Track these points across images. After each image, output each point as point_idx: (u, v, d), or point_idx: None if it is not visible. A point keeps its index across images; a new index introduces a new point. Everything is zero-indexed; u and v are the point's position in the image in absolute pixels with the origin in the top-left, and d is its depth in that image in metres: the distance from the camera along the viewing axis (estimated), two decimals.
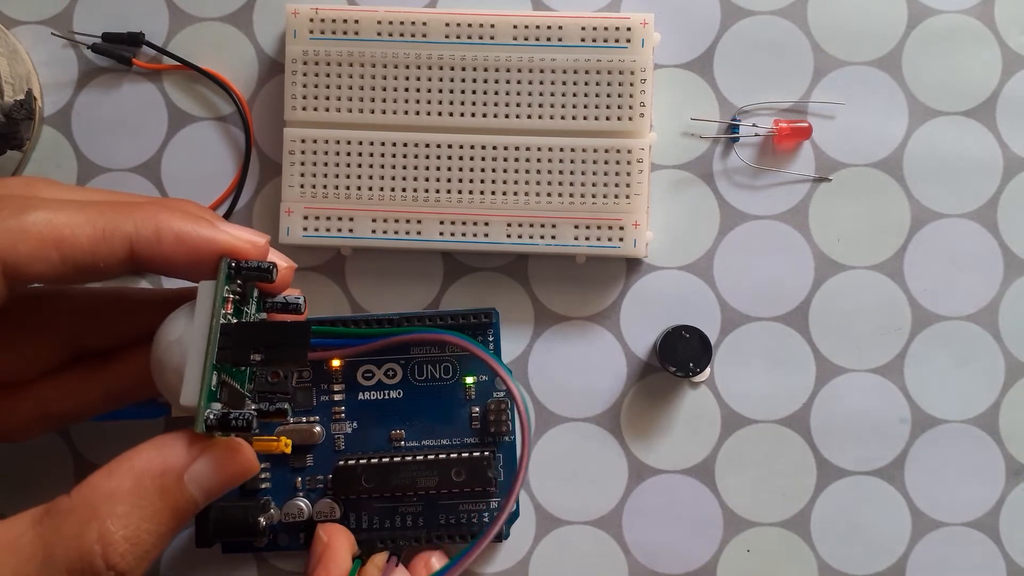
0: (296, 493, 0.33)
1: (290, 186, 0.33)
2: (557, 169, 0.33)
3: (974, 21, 0.35)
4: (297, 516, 0.32)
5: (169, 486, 0.23)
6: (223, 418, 0.24)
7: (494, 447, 0.33)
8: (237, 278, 0.25)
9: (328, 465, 0.33)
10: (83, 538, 0.22)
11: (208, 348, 0.24)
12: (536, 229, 0.33)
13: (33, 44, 0.35)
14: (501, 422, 0.33)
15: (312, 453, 0.33)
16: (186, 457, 0.24)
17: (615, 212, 0.33)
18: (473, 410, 0.33)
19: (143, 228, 0.24)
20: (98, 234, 0.24)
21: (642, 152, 0.33)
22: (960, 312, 0.34)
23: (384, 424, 0.33)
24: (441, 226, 0.33)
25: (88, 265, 0.24)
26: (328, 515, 0.32)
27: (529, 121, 0.33)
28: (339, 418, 0.33)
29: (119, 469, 0.23)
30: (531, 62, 0.33)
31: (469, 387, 0.33)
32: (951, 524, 0.34)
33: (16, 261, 0.23)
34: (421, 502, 0.32)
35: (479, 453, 0.32)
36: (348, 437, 0.33)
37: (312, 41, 0.33)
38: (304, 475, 0.33)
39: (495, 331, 0.33)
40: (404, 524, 0.32)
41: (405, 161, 0.33)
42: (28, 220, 0.23)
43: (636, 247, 0.33)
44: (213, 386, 0.24)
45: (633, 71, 0.32)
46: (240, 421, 0.24)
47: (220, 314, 0.24)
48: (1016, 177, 0.35)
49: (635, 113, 0.33)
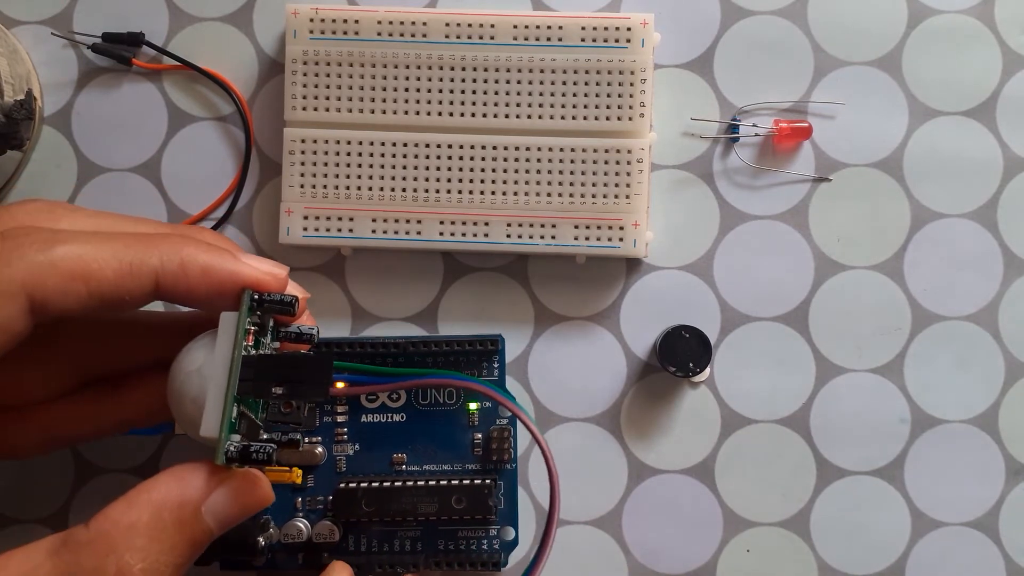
0: (296, 513, 0.32)
1: (290, 186, 0.33)
2: (557, 169, 0.33)
3: (974, 21, 0.35)
4: (296, 537, 0.32)
5: (187, 519, 0.24)
6: (243, 450, 0.24)
7: (495, 475, 0.33)
8: (258, 310, 0.25)
9: (329, 486, 0.32)
10: (102, 571, 0.22)
11: (229, 380, 0.24)
12: (536, 229, 0.33)
13: (33, 44, 0.35)
14: (503, 449, 0.32)
15: (313, 474, 0.33)
16: (204, 489, 0.24)
17: (615, 212, 0.33)
18: (476, 436, 0.33)
19: (168, 262, 0.24)
20: (125, 268, 0.24)
21: (642, 152, 0.33)
22: (960, 312, 0.34)
23: (386, 447, 0.33)
24: (441, 226, 0.33)
25: (114, 299, 0.24)
26: (327, 537, 0.32)
27: (529, 121, 0.33)
28: (341, 439, 0.33)
29: (137, 501, 0.23)
30: (531, 62, 0.33)
31: (472, 413, 0.33)
32: (951, 524, 0.34)
33: (44, 296, 0.23)
34: (420, 527, 0.32)
35: (480, 480, 0.32)
36: (350, 459, 0.33)
37: (312, 41, 0.33)
38: (305, 496, 0.33)
39: (500, 358, 0.33)
40: (403, 548, 0.32)
41: (405, 161, 0.33)
42: (56, 255, 0.23)
43: (636, 247, 0.33)
44: (233, 418, 0.24)
45: (633, 71, 0.32)
46: (261, 455, 0.24)
47: (242, 346, 0.25)
48: (1016, 177, 0.35)
49: (635, 113, 0.33)
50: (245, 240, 0.35)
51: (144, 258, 0.24)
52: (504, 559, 0.33)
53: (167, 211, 0.35)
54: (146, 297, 0.25)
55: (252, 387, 0.24)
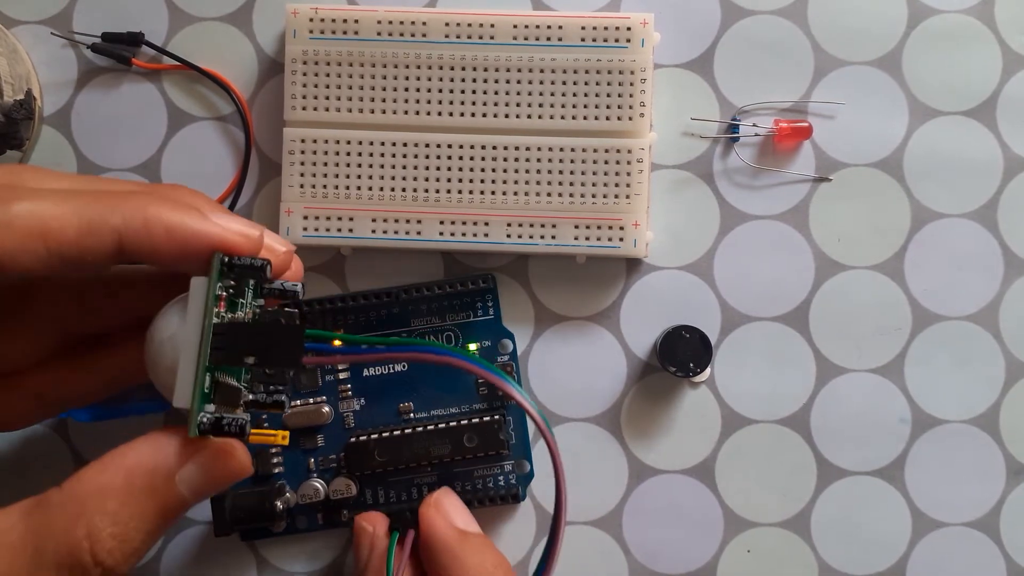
0: (310, 475, 0.33)
1: (290, 186, 0.33)
2: (557, 169, 0.33)
3: (974, 21, 0.35)
4: (314, 497, 0.32)
5: (159, 486, 0.23)
6: (216, 423, 0.24)
7: (503, 410, 0.33)
8: (230, 275, 0.25)
9: (339, 444, 0.33)
10: (71, 533, 0.22)
11: (200, 349, 0.24)
12: (536, 229, 0.33)
13: (33, 44, 0.35)
14: None
15: (322, 433, 0.33)
16: (178, 457, 0.24)
17: (615, 212, 0.33)
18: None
19: (131, 220, 0.23)
20: (84, 226, 0.23)
21: (642, 152, 0.33)
22: (960, 312, 0.34)
23: (391, 398, 0.33)
24: (441, 226, 0.33)
25: (75, 258, 0.23)
26: (344, 493, 0.32)
27: (529, 121, 0.33)
28: (346, 396, 0.33)
29: (111, 464, 0.23)
30: (531, 62, 0.33)
31: (473, 354, 0.33)
32: (951, 524, 0.34)
33: (1, 256, 0.22)
34: (436, 472, 0.33)
35: (489, 418, 0.32)
36: (357, 414, 0.33)
37: (312, 41, 0.33)
38: (316, 455, 0.33)
39: (494, 296, 0.33)
40: (421, 495, 0.32)
41: (405, 161, 0.33)
42: (12, 212, 0.23)
43: (636, 247, 0.33)
44: (206, 388, 0.24)
45: (633, 71, 0.32)
46: (233, 427, 0.24)
47: (212, 314, 0.24)
48: (1016, 177, 0.35)
49: (635, 113, 0.33)
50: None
51: (105, 216, 0.23)
52: (523, 492, 0.33)
53: None
54: (109, 258, 0.24)
55: (223, 356, 0.24)
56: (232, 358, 0.24)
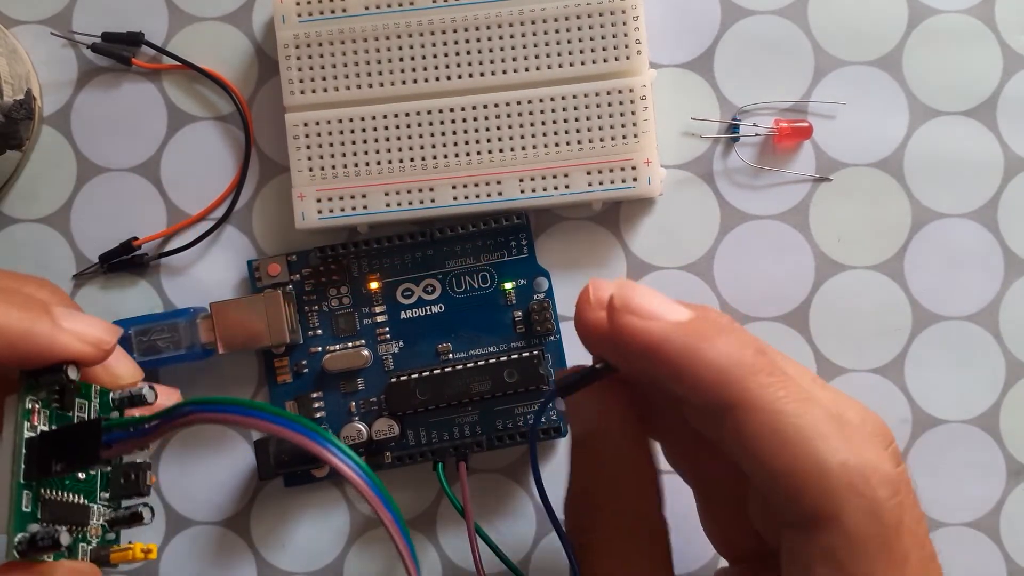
0: (352, 418, 0.33)
1: (299, 171, 0.33)
2: (562, 118, 0.33)
3: (974, 21, 0.35)
4: (356, 438, 0.32)
5: None
6: (31, 541, 0.22)
7: (542, 346, 0.33)
8: (41, 389, 0.23)
9: (379, 386, 0.33)
10: None
11: (13, 468, 0.23)
12: (549, 180, 0.33)
13: (33, 44, 0.35)
14: (545, 320, 0.33)
15: (362, 377, 0.33)
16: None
17: (625, 152, 0.33)
18: (516, 314, 0.33)
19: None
20: None
21: (643, 89, 0.33)
22: (960, 312, 0.34)
23: (430, 339, 0.33)
24: (454, 191, 0.33)
25: None
26: (387, 433, 0.32)
27: (527, 74, 0.33)
28: (384, 339, 0.33)
29: None
30: (521, 15, 0.32)
31: (509, 292, 0.33)
32: (951, 524, 0.34)
33: None
34: (476, 410, 0.33)
35: (528, 353, 0.32)
36: (396, 356, 0.33)
37: (302, 24, 0.33)
38: (357, 399, 0.33)
39: (528, 235, 0.34)
40: (463, 434, 0.33)
41: (409, 131, 0.33)
42: None
43: (651, 185, 0.33)
44: (25, 507, 0.23)
45: (624, 9, 0.32)
46: (46, 541, 0.22)
47: (24, 430, 0.23)
48: (1016, 177, 0.35)
49: (631, 51, 0.32)
50: (245, 240, 0.35)
51: None
52: (564, 427, 0.33)
53: (167, 211, 0.35)
54: None
55: (35, 470, 0.23)
56: (43, 469, 0.23)
